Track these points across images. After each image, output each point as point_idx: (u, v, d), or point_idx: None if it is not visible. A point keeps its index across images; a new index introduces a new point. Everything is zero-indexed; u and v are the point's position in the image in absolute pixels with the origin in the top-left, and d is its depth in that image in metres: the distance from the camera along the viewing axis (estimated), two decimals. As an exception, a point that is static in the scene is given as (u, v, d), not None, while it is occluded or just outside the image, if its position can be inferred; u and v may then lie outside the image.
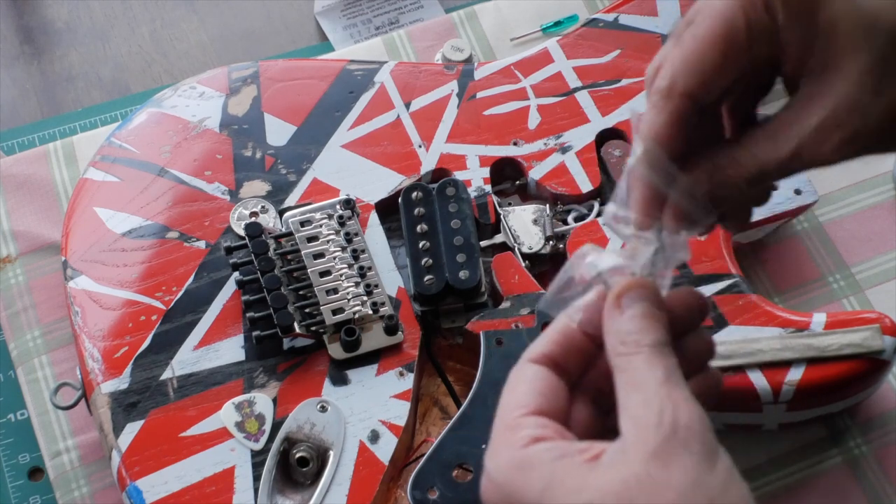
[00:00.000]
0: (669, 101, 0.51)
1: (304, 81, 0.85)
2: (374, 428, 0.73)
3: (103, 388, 0.74)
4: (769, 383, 0.74)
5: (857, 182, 0.88)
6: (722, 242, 0.79)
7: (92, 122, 0.94)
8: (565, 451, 0.48)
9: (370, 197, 0.81)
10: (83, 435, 0.79)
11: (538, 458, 0.48)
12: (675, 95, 0.51)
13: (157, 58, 0.98)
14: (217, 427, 0.73)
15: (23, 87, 0.97)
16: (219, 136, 0.82)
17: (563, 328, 0.53)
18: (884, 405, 0.80)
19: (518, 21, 0.95)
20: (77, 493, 0.77)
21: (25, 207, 0.86)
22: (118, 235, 0.79)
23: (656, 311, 0.51)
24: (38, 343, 0.82)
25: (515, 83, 0.85)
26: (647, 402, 0.47)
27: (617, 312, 0.51)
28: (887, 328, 0.74)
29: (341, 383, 0.74)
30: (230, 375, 0.74)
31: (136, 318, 0.76)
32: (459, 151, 0.82)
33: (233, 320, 0.76)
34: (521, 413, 0.50)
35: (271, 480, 0.71)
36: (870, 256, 0.85)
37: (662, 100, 0.51)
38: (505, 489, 0.48)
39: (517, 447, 0.48)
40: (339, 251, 0.77)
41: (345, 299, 0.76)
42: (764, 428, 0.78)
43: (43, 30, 0.99)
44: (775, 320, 0.75)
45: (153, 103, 0.84)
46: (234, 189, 0.80)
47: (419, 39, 0.94)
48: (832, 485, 0.78)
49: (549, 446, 0.48)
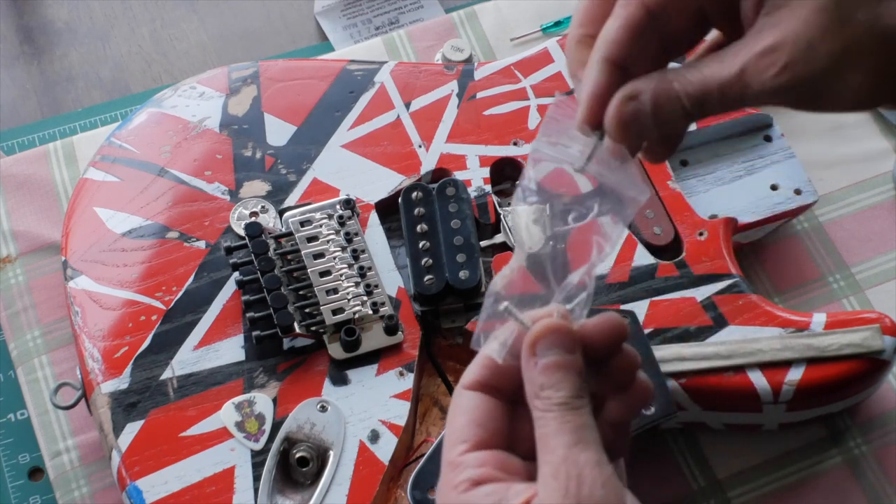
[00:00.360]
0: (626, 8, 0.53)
1: (304, 81, 0.85)
2: (374, 428, 0.73)
3: (103, 388, 0.74)
4: (769, 383, 0.74)
5: (857, 182, 0.88)
6: (722, 242, 0.79)
7: (92, 122, 0.94)
8: (502, 496, 0.49)
9: (370, 197, 0.81)
10: (83, 435, 0.79)
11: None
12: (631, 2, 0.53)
13: (157, 58, 0.98)
14: (217, 427, 0.73)
15: (23, 87, 0.97)
16: (219, 136, 0.82)
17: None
18: (884, 405, 0.80)
19: (518, 21, 0.95)
20: (77, 493, 0.77)
21: (25, 207, 0.86)
22: (118, 235, 0.79)
23: (568, 359, 0.51)
24: (38, 343, 0.82)
25: (515, 83, 0.85)
26: (556, 472, 0.49)
27: (532, 362, 0.51)
28: (887, 328, 0.74)
29: (341, 383, 0.74)
30: (230, 375, 0.74)
31: (136, 318, 0.76)
32: (459, 151, 0.82)
33: (233, 320, 0.76)
34: (462, 450, 0.51)
35: (271, 480, 0.71)
36: (870, 256, 0.85)
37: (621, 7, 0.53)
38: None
39: (459, 491, 0.50)
40: (339, 251, 0.77)
41: (345, 299, 0.76)
42: (764, 428, 0.78)
43: (43, 30, 0.99)
44: (775, 320, 0.75)
45: (153, 103, 0.84)
46: (234, 189, 0.80)
47: (419, 39, 0.94)
48: (832, 485, 0.78)
49: (489, 491, 0.50)
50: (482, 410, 0.53)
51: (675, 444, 0.79)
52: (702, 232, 0.79)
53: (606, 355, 0.52)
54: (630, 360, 0.53)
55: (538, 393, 0.51)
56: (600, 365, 0.52)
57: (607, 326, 0.52)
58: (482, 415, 0.52)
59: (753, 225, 0.82)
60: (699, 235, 0.79)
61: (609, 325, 0.52)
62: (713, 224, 0.79)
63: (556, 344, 0.51)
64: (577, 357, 0.51)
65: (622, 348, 0.53)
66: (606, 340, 0.52)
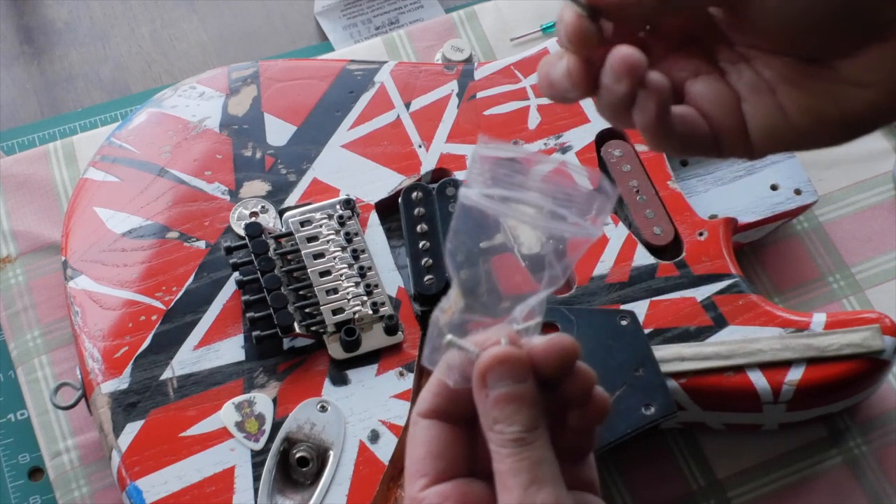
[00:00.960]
0: None
1: (304, 81, 0.85)
2: (374, 428, 0.73)
3: (103, 388, 0.74)
4: (769, 383, 0.74)
5: (857, 182, 0.88)
6: (722, 242, 0.79)
7: (92, 122, 0.94)
8: None
9: (370, 197, 0.81)
10: (83, 435, 0.79)
11: None
12: None
13: (157, 58, 0.98)
14: (217, 427, 0.73)
15: (23, 87, 0.97)
16: (219, 136, 0.82)
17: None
18: (884, 405, 0.80)
19: (518, 21, 0.95)
20: (77, 493, 0.77)
21: (25, 207, 0.86)
22: (118, 235, 0.79)
23: (520, 389, 0.49)
24: (38, 343, 0.82)
25: (515, 83, 0.85)
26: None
27: (483, 394, 0.50)
28: (887, 328, 0.74)
29: (341, 383, 0.74)
30: (230, 375, 0.74)
31: (136, 318, 0.76)
32: (459, 151, 0.82)
33: (233, 320, 0.76)
34: (423, 485, 0.51)
35: (271, 480, 0.71)
36: (870, 256, 0.85)
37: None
38: None
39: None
40: (339, 251, 0.77)
41: (345, 299, 0.76)
42: (764, 428, 0.78)
43: (43, 30, 0.99)
44: (775, 320, 0.75)
45: (153, 103, 0.84)
46: (234, 189, 0.80)
47: (419, 39, 0.94)
48: (832, 485, 0.78)
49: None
50: (439, 440, 0.51)
51: (675, 444, 0.79)
52: (702, 232, 0.79)
53: (560, 376, 0.50)
54: (584, 379, 0.51)
55: (492, 426, 0.49)
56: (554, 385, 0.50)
57: (557, 349, 0.50)
58: (440, 445, 0.51)
59: (753, 225, 0.82)
60: (699, 235, 0.79)
61: (558, 348, 0.50)
62: (713, 224, 0.79)
63: (506, 375, 0.49)
64: (528, 385, 0.49)
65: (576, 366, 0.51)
66: (557, 364, 0.50)
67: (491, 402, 0.49)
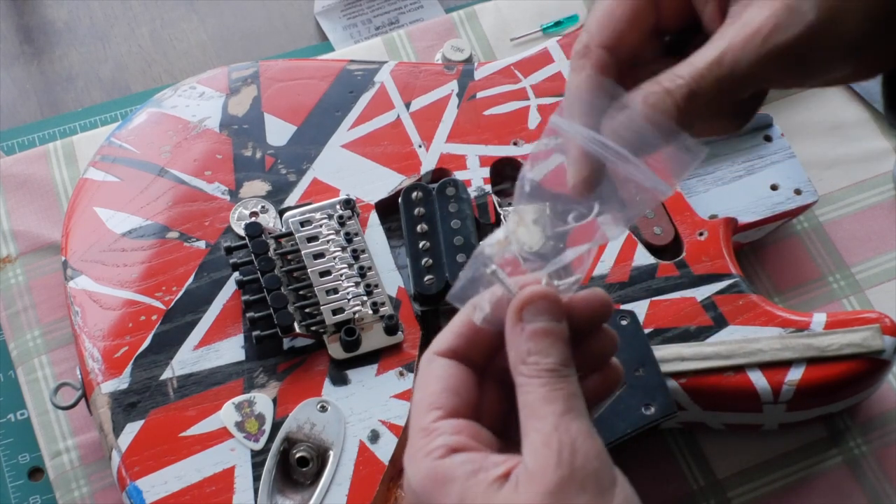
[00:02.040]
0: (587, 59, 0.53)
1: (304, 81, 0.85)
2: (374, 428, 0.73)
3: (103, 388, 0.74)
4: (769, 383, 0.74)
5: (857, 182, 0.88)
6: (722, 242, 0.79)
7: (92, 122, 0.94)
8: (480, 465, 0.49)
9: (370, 197, 0.81)
10: (83, 435, 0.79)
11: (454, 472, 0.49)
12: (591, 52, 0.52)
13: (157, 58, 0.98)
14: (217, 427, 0.73)
15: (23, 87, 0.97)
16: (219, 136, 0.82)
17: (468, 320, 0.53)
18: (884, 405, 0.80)
19: (518, 21, 0.95)
20: (77, 493, 0.77)
21: (25, 207, 0.86)
22: (118, 235, 0.79)
23: (556, 327, 0.50)
24: (38, 343, 0.82)
25: (515, 83, 0.85)
26: (547, 440, 0.48)
27: (518, 328, 0.50)
28: (887, 328, 0.75)
29: (341, 383, 0.74)
30: (230, 375, 0.74)
31: (136, 318, 0.76)
32: (459, 151, 0.82)
33: (233, 320, 0.76)
34: (437, 416, 0.51)
35: (271, 480, 0.71)
36: (870, 256, 0.85)
37: (579, 60, 0.53)
38: (422, 499, 0.50)
39: (435, 457, 0.49)
40: (339, 251, 0.77)
41: (345, 299, 0.76)
42: (764, 428, 0.78)
43: (43, 30, 0.99)
44: (775, 320, 0.75)
45: (153, 103, 0.84)
46: (234, 189, 0.80)
47: (419, 39, 0.94)
48: (832, 485, 0.78)
49: (465, 459, 0.49)
50: (456, 378, 0.52)
51: (675, 444, 0.79)
52: (702, 232, 0.79)
53: (588, 331, 0.52)
54: (609, 340, 0.52)
55: (525, 359, 0.50)
56: (579, 342, 0.51)
57: (594, 300, 0.52)
58: (456, 383, 0.51)
59: (753, 225, 0.82)
60: (699, 235, 0.79)
61: (597, 299, 0.52)
62: (713, 224, 0.79)
63: (545, 311, 0.50)
64: (564, 326, 0.50)
65: (602, 328, 0.52)
66: (591, 315, 0.51)
67: (527, 335, 0.50)
